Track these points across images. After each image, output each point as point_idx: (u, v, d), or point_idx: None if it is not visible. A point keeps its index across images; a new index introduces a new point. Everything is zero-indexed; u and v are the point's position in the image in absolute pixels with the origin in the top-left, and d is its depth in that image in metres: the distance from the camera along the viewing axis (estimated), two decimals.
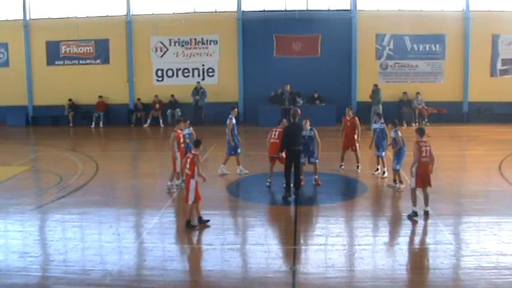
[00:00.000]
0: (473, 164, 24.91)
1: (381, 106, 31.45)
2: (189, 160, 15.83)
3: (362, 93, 34.37)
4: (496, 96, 34.43)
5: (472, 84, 34.92)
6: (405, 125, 33.19)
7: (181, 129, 19.99)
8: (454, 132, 31.41)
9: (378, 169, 21.94)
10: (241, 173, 22.22)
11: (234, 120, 22.64)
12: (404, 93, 34.16)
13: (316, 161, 20.32)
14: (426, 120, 33.84)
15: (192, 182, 15.66)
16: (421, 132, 17.19)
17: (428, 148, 16.95)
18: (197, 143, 16.43)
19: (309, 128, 20.04)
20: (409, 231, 16.15)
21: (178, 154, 19.37)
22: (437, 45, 34.75)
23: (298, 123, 19.29)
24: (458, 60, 34.89)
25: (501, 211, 18.00)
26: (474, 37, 34.58)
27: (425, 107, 34.12)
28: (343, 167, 22.83)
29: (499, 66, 35.23)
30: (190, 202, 15.78)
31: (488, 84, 34.94)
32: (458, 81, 35.05)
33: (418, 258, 14.43)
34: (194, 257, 14.61)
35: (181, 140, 19.63)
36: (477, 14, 34.47)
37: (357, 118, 22.95)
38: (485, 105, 34.61)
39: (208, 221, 16.15)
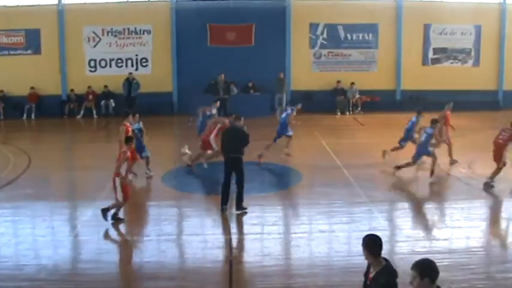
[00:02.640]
0: (406, 151, 25.24)
1: (284, 95, 32.24)
2: (117, 157, 15.58)
3: (296, 83, 34.53)
4: (427, 84, 34.99)
5: (404, 72, 35.41)
6: (339, 113, 33.50)
7: (130, 123, 19.53)
8: (388, 120, 31.81)
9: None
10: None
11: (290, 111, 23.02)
12: (338, 82, 34.44)
13: None
14: (360, 108, 34.22)
15: (117, 180, 15.38)
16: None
17: None
18: (127, 140, 16.06)
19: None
20: (344, 219, 16.30)
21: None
22: (370, 35, 35.12)
23: (238, 127, 17.11)
24: (390, 49, 35.33)
25: (436, 197, 18.44)
26: (406, 26, 35.05)
27: (359, 96, 34.48)
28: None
29: (430, 55, 35.81)
30: (120, 201, 15.50)
31: (420, 72, 35.49)
32: (391, 70, 35.51)
33: (353, 244, 14.59)
34: (130, 248, 14.49)
35: (130, 134, 19.13)
36: (409, 4, 34.97)
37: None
38: (418, 93, 35.15)
39: (123, 219, 15.91)
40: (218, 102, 24.41)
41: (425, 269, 7.37)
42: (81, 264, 13.29)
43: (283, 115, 23.22)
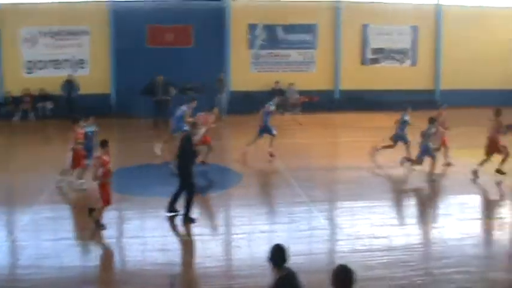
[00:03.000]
0: (345, 150, 25.54)
1: (224, 95, 32.30)
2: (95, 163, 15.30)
3: (235, 83, 34.49)
4: (366, 84, 35.38)
5: (343, 72, 35.73)
6: (279, 113, 33.57)
7: (81, 127, 19.10)
8: (326, 120, 32.08)
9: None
10: None
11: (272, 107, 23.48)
12: (277, 82, 34.52)
13: None
14: (299, 109, 34.35)
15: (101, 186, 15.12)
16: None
17: None
18: (103, 144, 15.54)
19: None
20: (285, 219, 16.37)
21: (71, 152, 18.73)
22: (309, 35, 35.34)
23: (190, 133, 16.58)
24: (329, 49, 35.60)
25: (373, 196, 18.61)
26: (345, 27, 35.38)
27: (298, 96, 34.60)
28: None
29: (369, 55, 36.23)
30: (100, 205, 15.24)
31: (358, 72, 35.86)
32: (330, 70, 35.79)
33: (295, 244, 14.63)
34: (70, 252, 14.25)
35: (79, 138, 18.73)
36: (347, 4, 35.28)
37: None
38: (356, 93, 35.52)
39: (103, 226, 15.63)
40: (195, 101, 24.30)
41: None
42: (19, 270, 13.04)
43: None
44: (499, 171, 20.37)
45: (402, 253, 14.03)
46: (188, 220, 15.69)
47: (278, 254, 8.18)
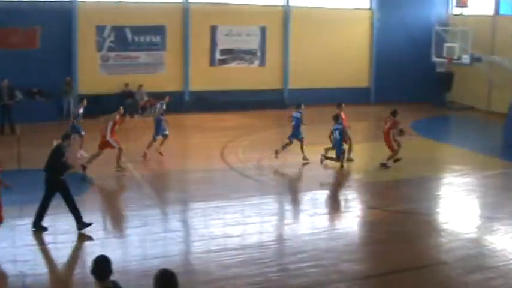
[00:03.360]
0: (197, 151, 25.57)
1: (72, 99, 31.61)
2: None
3: (83, 86, 33.58)
4: (216, 85, 35.54)
5: (192, 74, 35.69)
6: (128, 116, 33.05)
7: None
8: (177, 121, 31.94)
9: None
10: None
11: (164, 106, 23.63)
12: (126, 84, 34.02)
13: None
14: (149, 111, 33.92)
15: None
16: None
17: None
18: None
19: None
20: (138, 223, 16.18)
21: None
22: (158, 37, 35.06)
23: (61, 145, 15.58)
24: (178, 50, 35.46)
25: (225, 195, 18.73)
26: (194, 28, 35.33)
27: (148, 98, 34.24)
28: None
29: (217, 56, 36.41)
30: None
31: (208, 73, 35.95)
32: (179, 72, 35.66)
33: (148, 248, 14.50)
34: None
35: None
36: (196, 6, 35.26)
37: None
38: (206, 94, 35.65)
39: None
40: (84, 100, 23.73)
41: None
42: None
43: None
44: (383, 165, 22.14)
45: (257, 251, 14.21)
46: (40, 228, 15.13)
47: (102, 266, 7.73)
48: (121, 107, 22.31)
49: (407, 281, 13.03)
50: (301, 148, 22.58)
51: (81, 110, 23.41)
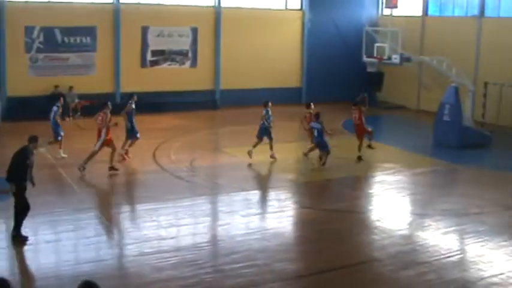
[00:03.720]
0: (129, 153, 25.27)
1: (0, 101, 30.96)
2: None
3: (12, 89, 32.92)
4: (147, 86, 35.28)
5: (123, 75, 35.33)
6: (59, 118, 32.45)
7: None
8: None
9: None
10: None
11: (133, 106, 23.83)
12: (56, 86, 33.44)
13: None
14: (79, 113, 33.44)
15: None
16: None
17: None
18: None
19: None
20: (70, 226, 15.93)
21: None
22: (88, 38, 34.58)
23: (27, 146, 15.04)
24: (109, 52, 35.05)
25: (158, 197, 18.61)
26: (124, 29, 34.99)
27: (78, 100, 33.74)
28: None
29: (149, 57, 36.15)
30: None
31: (139, 75, 35.65)
32: (110, 73, 35.26)
33: (81, 252, 14.29)
34: None
35: None
36: (127, 6, 34.94)
37: None
38: (137, 95, 35.22)
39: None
40: (61, 98, 23.44)
41: None
42: None
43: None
44: (370, 146, 23.75)
45: (190, 252, 14.17)
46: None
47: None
48: (108, 102, 22.61)
49: (341, 279, 13.16)
50: (270, 147, 23.16)
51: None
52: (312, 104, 24.07)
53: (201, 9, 36.92)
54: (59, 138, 23.11)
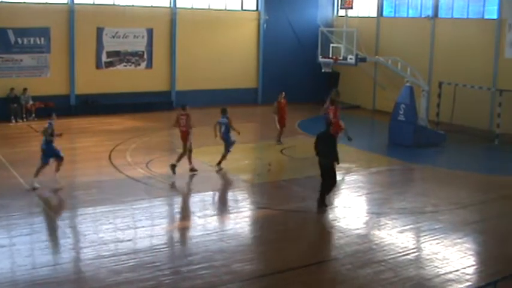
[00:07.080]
0: (84, 155, 25.04)
1: None
2: None
3: None
4: (102, 88, 35.06)
5: (78, 76, 35.00)
6: (13, 121, 32.08)
7: None
8: (63, 125, 31.16)
9: None
10: None
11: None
12: (12, 89, 32.93)
13: None
14: (34, 115, 33.04)
15: None
16: None
17: None
18: None
19: None
20: (25, 230, 15.69)
21: None
22: (42, 39, 34.14)
23: None
24: (64, 53, 34.67)
25: (115, 199, 18.49)
26: (79, 30, 34.65)
27: (32, 102, 33.31)
28: None
29: (104, 58, 35.86)
30: None
31: (94, 76, 35.37)
32: (65, 75, 34.87)
33: (37, 256, 14.10)
34: None
35: None
36: (81, 7, 34.60)
37: None
38: (92, 97, 35.07)
39: None
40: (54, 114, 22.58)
41: None
42: None
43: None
44: None
45: (148, 254, 14.09)
46: None
47: None
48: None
49: (299, 278, 13.20)
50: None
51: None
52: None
53: (156, 10, 36.81)
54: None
